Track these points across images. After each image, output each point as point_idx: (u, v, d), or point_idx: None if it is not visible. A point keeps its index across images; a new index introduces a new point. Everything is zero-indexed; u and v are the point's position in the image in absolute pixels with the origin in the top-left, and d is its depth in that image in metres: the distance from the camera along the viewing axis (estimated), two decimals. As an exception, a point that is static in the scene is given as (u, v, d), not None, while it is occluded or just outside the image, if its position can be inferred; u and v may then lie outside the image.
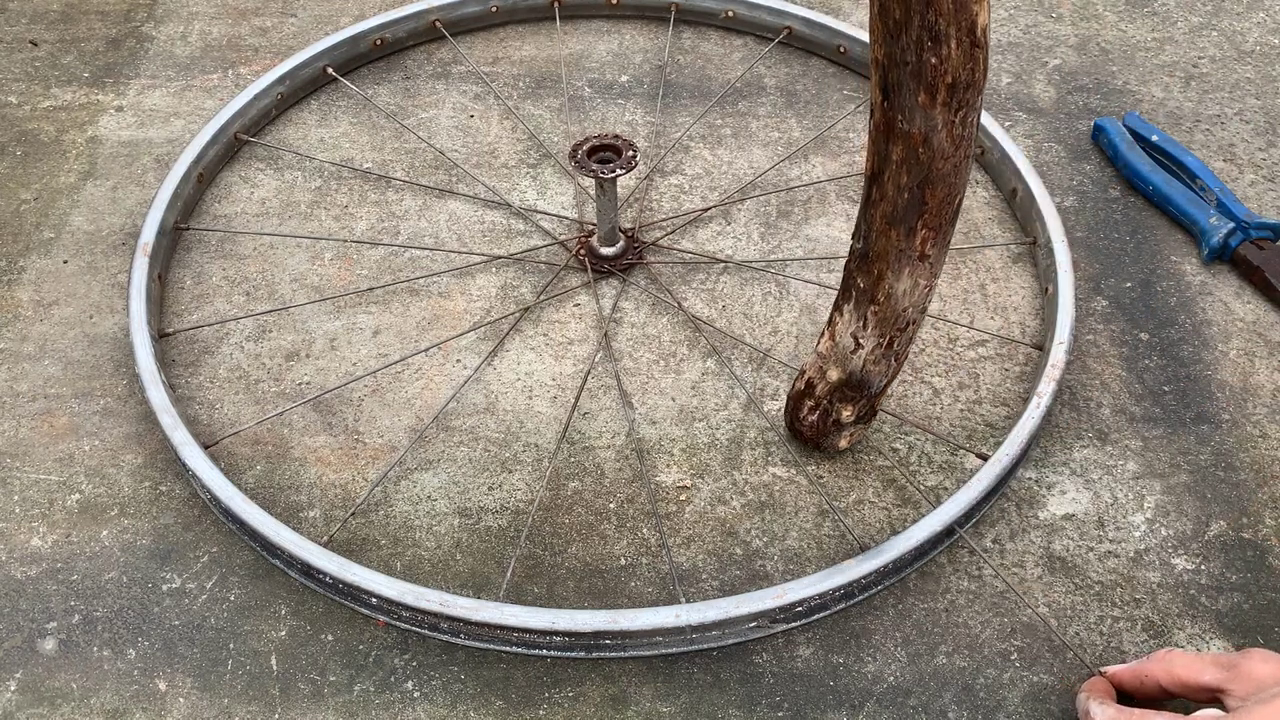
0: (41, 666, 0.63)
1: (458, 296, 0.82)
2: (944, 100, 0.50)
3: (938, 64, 0.49)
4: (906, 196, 0.54)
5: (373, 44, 0.98)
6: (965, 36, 0.48)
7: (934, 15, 0.47)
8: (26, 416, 0.74)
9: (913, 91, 0.50)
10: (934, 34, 0.48)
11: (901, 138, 0.52)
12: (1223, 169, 0.90)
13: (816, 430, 0.69)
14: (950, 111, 0.50)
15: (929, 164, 0.52)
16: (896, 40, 0.49)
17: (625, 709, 0.61)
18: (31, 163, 0.91)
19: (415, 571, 0.67)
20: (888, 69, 0.50)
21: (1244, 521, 0.69)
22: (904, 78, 0.50)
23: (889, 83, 0.51)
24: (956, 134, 0.51)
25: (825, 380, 0.65)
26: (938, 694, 0.62)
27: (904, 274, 0.57)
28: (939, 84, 0.49)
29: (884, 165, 0.54)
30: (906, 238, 0.56)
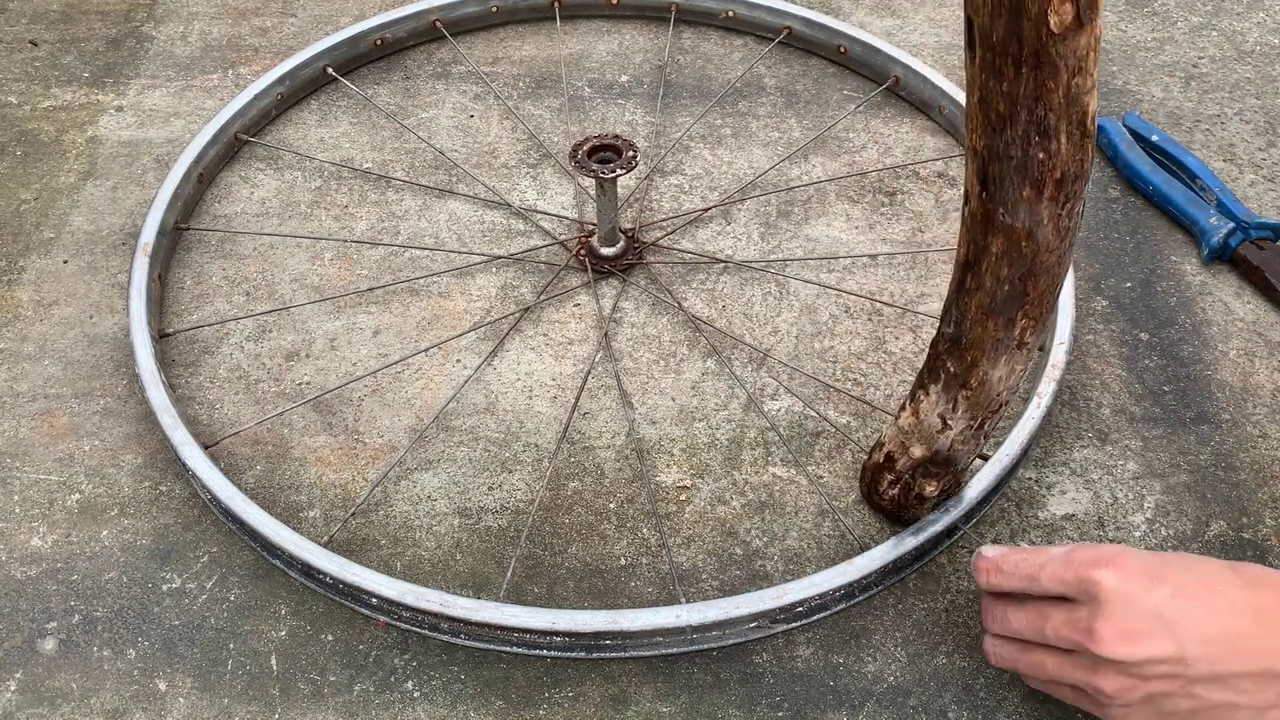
0: (41, 666, 0.63)
1: (458, 296, 0.82)
2: (1051, 195, 0.47)
3: (1045, 159, 0.46)
4: (1007, 289, 0.51)
5: (373, 44, 0.98)
6: (1076, 129, 0.45)
7: (1044, 110, 0.44)
8: (26, 416, 0.74)
9: (1017, 186, 0.47)
10: (1043, 129, 0.45)
11: (1003, 230, 0.49)
12: (1223, 169, 0.90)
13: (898, 504, 0.66)
14: (1057, 205, 0.48)
15: (1032, 257, 0.49)
16: (999, 134, 0.46)
17: (625, 709, 0.61)
18: (31, 163, 0.91)
19: (415, 571, 0.67)
20: (988, 161, 0.47)
21: (1244, 521, 0.69)
22: (1007, 171, 0.47)
23: (989, 175, 0.48)
24: (1063, 226, 0.49)
25: (908, 455, 0.62)
26: (938, 694, 0.62)
27: (1000, 362, 0.55)
28: (1046, 179, 0.46)
29: (982, 255, 0.51)
30: (1005, 328, 0.53)
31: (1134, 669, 0.49)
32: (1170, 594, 0.49)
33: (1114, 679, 0.50)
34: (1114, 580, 0.49)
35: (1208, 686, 0.49)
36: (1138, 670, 0.49)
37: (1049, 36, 0.42)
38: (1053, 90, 0.44)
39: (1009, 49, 0.44)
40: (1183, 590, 0.49)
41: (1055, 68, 0.43)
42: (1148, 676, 0.49)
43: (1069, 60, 0.43)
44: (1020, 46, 0.43)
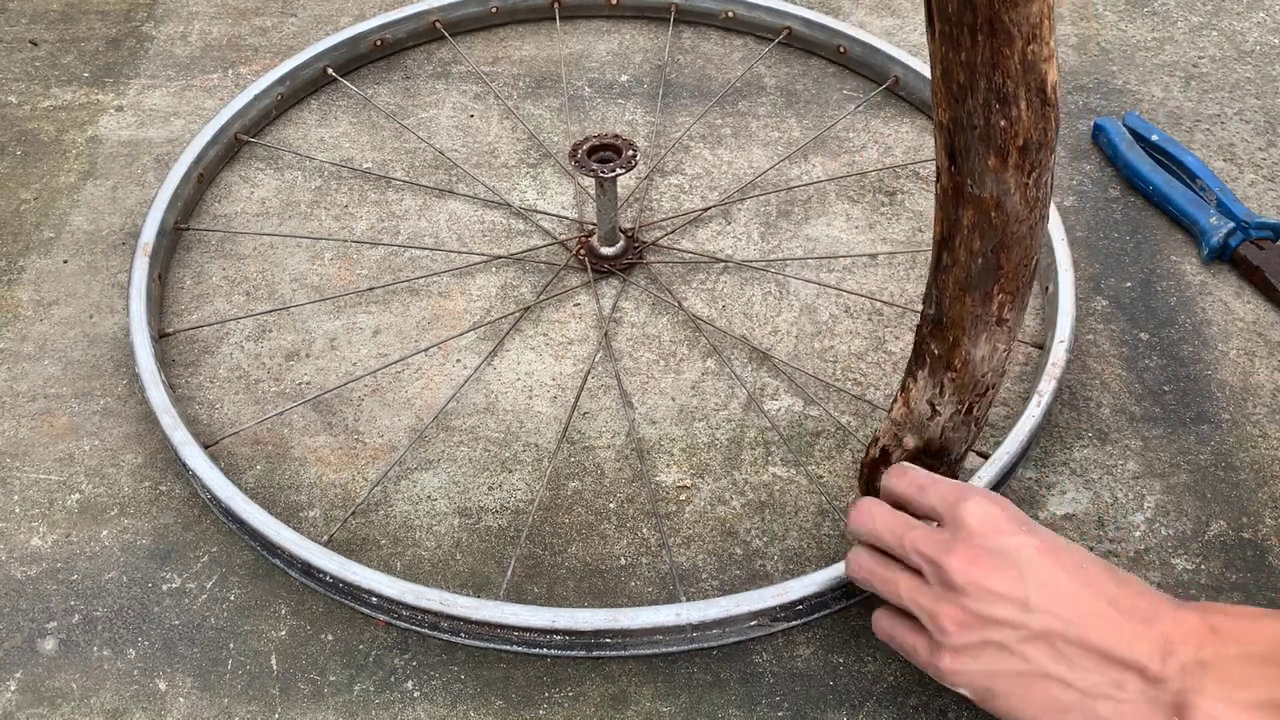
0: (41, 666, 0.63)
1: (458, 296, 0.82)
2: (1016, 163, 0.48)
3: (1007, 126, 0.47)
4: (980, 262, 0.52)
5: (373, 44, 0.98)
6: (1035, 96, 0.46)
7: (1001, 77, 0.46)
8: (26, 416, 0.74)
9: (982, 156, 0.48)
10: (1002, 96, 0.46)
11: (972, 202, 0.50)
12: (1223, 169, 0.90)
13: None
14: (1023, 174, 0.49)
15: (1003, 228, 0.50)
16: (962, 104, 0.47)
17: (625, 709, 0.61)
18: (31, 163, 0.91)
19: (415, 571, 0.67)
20: (953, 133, 0.49)
21: (1244, 521, 0.69)
22: (972, 142, 0.48)
23: (955, 147, 0.49)
24: (1030, 196, 0.50)
25: (902, 448, 0.63)
26: (938, 694, 0.62)
27: (981, 340, 0.55)
28: (1009, 147, 0.47)
29: (954, 230, 0.52)
30: (982, 303, 0.54)
31: (976, 604, 0.49)
32: (1036, 546, 0.49)
33: (955, 610, 0.49)
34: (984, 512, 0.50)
35: (1044, 649, 0.48)
36: (978, 607, 0.49)
37: (1001, 4, 0.44)
38: (1009, 57, 0.45)
39: (964, 19, 0.45)
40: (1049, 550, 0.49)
41: (1009, 34, 0.45)
42: (986, 619, 0.49)
43: (1022, 27, 0.45)
44: (974, 15, 0.45)
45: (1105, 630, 0.48)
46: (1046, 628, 0.48)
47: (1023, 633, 0.48)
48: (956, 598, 0.50)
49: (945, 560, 0.50)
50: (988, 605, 0.49)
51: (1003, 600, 0.49)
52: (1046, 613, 0.48)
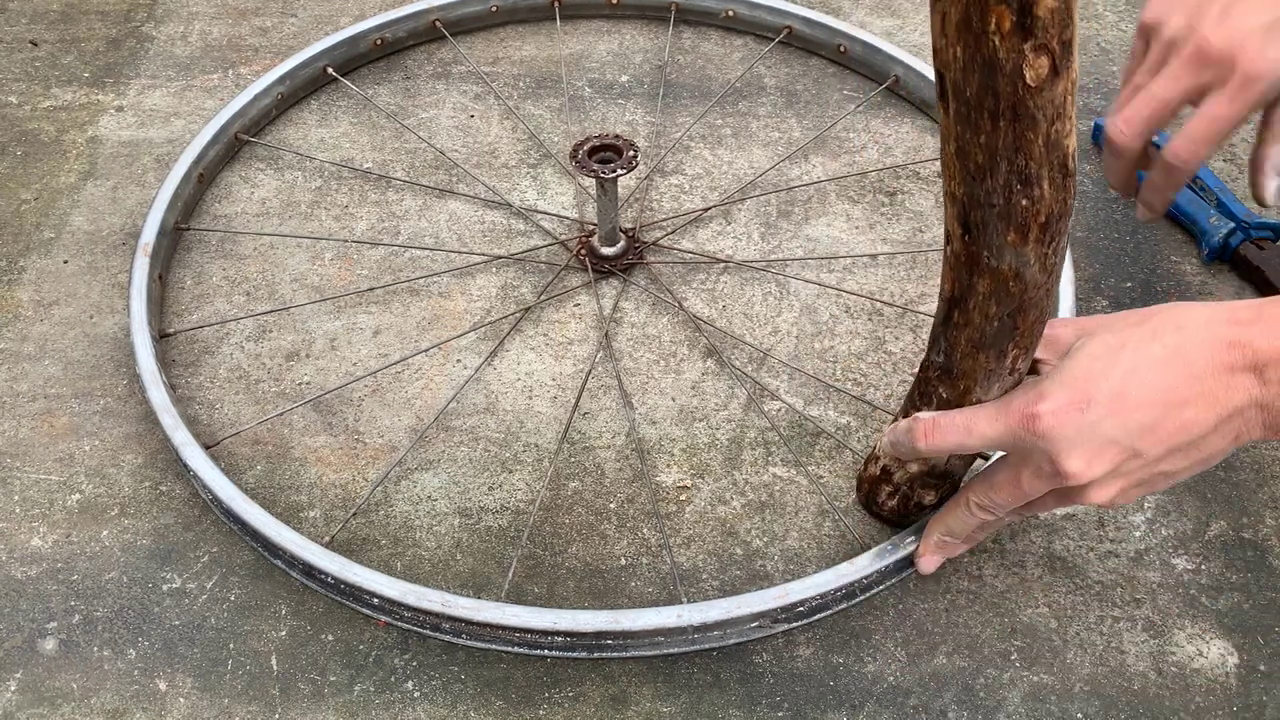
0: (41, 666, 0.63)
1: (458, 296, 0.82)
2: (1036, 238, 0.46)
3: (1029, 205, 0.45)
4: (996, 325, 0.51)
5: (373, 44, 0.98)
6: (1058, 173, 0.44)
7: (1024, 160, 0.43)
8: (26, 416, 0.74)
9: (1001, 231, 0.46)
10: (1024, 178, 0.44)
11: (989, 272, 0.48)
12: (1223, 169, 0.90)
13: (897, 513, 0.66)
14: (1043, 246, 0.47)
15: (1020, 295, 0.49)
16: (979, 183, 0.45)
17: (625, 709, 0.61)
18: (31, 163, 0.91)
19: (415, 571, 0.67)
20: (969, 208, 0.46)
21: (1244, 521, 0.69)
22: (990, 218, 0.46)
23: (971, 221, 0.47)
24: (1049, 264, 0.48)
25: (904, 470, 0.62)
26: (938, 694, 0.62)
27: (993, 389, 0.54)
28: (1031, 224, 0.45)
29: (968, 294, 0.50)
30: (996, 360, 0.53)
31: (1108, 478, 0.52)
32: (1104, 412, 0.50)
33: (1100, 491, 0.53)
34: (1049, 419, 0.51)
35: (1174, 458, 0.51)
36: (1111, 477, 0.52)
37: (1026, 90, 0.42)
38: (1033, 140, 0.43)
39: (984, 103, 0.43)
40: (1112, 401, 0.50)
41: (1034, 119, 0.42)
42: (1122, 474, 0.52)
43: (1047, 110, 0.42)
44: (997, 101, 0.42)
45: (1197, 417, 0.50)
46: (1164, 451, 0.51)
47: (1150, 462, 0.51)
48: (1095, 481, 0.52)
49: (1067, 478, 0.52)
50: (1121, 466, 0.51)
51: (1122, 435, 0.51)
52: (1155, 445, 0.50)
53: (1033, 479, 0.54)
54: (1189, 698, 0.62)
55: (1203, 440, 0.50)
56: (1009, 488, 0.56)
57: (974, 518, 0.59)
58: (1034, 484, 0.54)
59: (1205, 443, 0.50)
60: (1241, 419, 0.50)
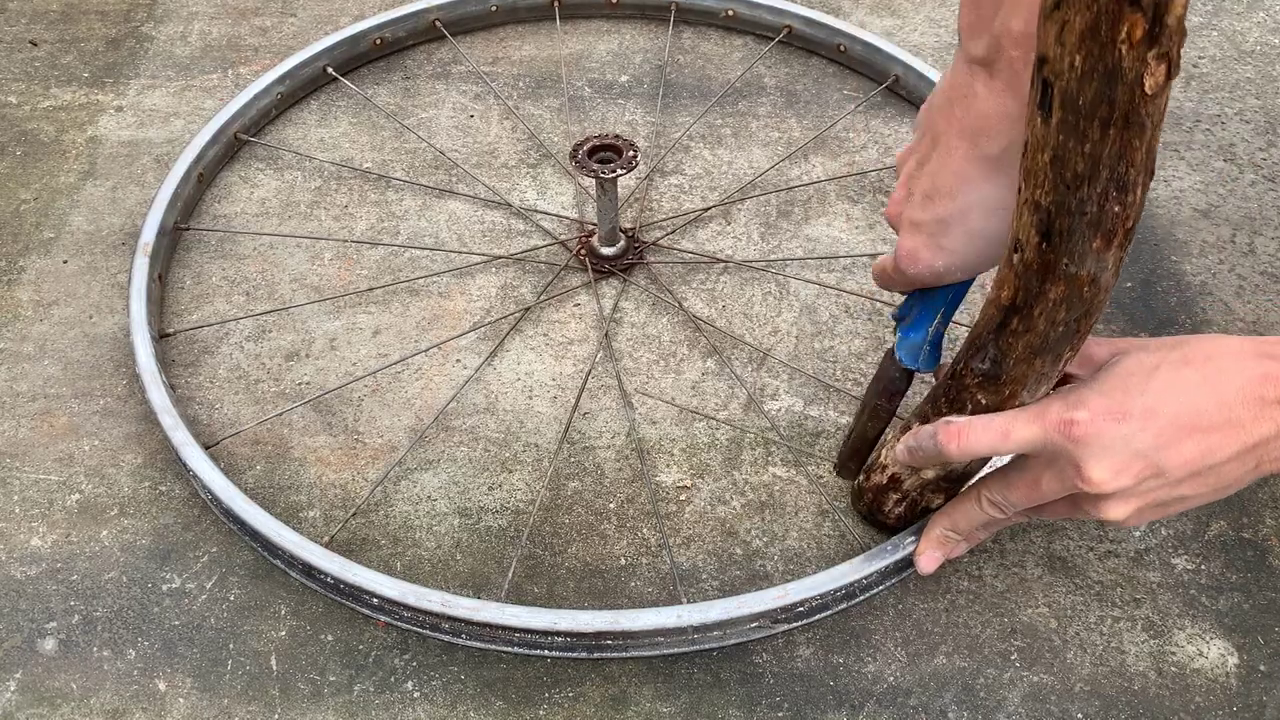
0: (41, 666, 0.63)
1: (458, 296, 0.82)
2: (1120, 243, 0.47)
3: (1121, 211, 0.45)
4: (1061, 330, 0.51)
5: (373, 44, 0.98)
6: (1147, 177, 0.45)
7: (1125, 167, 0.44)
8: (26, 416, 0.74)
9: (1088, 239, 0.46)
10: (1122, 185, 0.44)
11: (1065, 279, 0.48)
12: (1223, 169, 0.90)
13: (903, 520, 0.65)
14: (1123, 250, 0.47)
15: (1092, 300, 0.49)
16: (1074, 191, 0.45)
17: (625, 709, 0.61)
18: (31, 163, 0.91)
19: (415, 572, 0.67)
20: (1054, 216, 0.46)
21: (1244, 521, 0.69)
22: (1078, 226, 0.46)
23: (1055, 229, 0.47)
24: (1119, 266, 0.49)
25: (918, 477, 0.62)
26: (938, 694, 0.62)
27: (1039, 391, 0.55)
28: (1119, 230, 0.46)
29: (1035, 301, 0.50)
30: (1052, 364, 0.53)
31: (1128, 493, 0.52)
32: (1137, 426, 0.51)
33: (1116, 505, 0.53)
34: (1087, 426, 0.52)
35: (1192, 482, 0.52)
36: (1130, 492, 0.52)
37: (1142, 98, 0.42)
38: (1138, 148, 0.43)
39: (1097, 112, 0.43)
40: (1144, 417, 0.51)
41: (1143, 126, 0.43)
42: (1141, 491, 0.52)
43: (1155, 117, 0.43)
44: (1111, 109, 0.42)
45: (1223, 442, 0.51)
46: (1187, 473, 0.52)
47: (1171, 483, 0.52)
48: (1112, 497, 0.53)
49: (1088, 484, 0.52)
50: (1138, 489, 0.52)
51: (1146, 480, 0.52)
52: (1180, 467, 0.51)
53: (1053, 482, 0.54)
54: (1189, 698, 0.62)
55: (1222, 466, 0.51)
56: (1025, 488, 0.56)
57: (983, 514, 0.59)
58: (1053, 487, 0.54)
59: (1224, 470, 0.51)
60: (1265, 449, 0.51)
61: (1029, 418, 0.54)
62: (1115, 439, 0.51)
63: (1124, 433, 0.51)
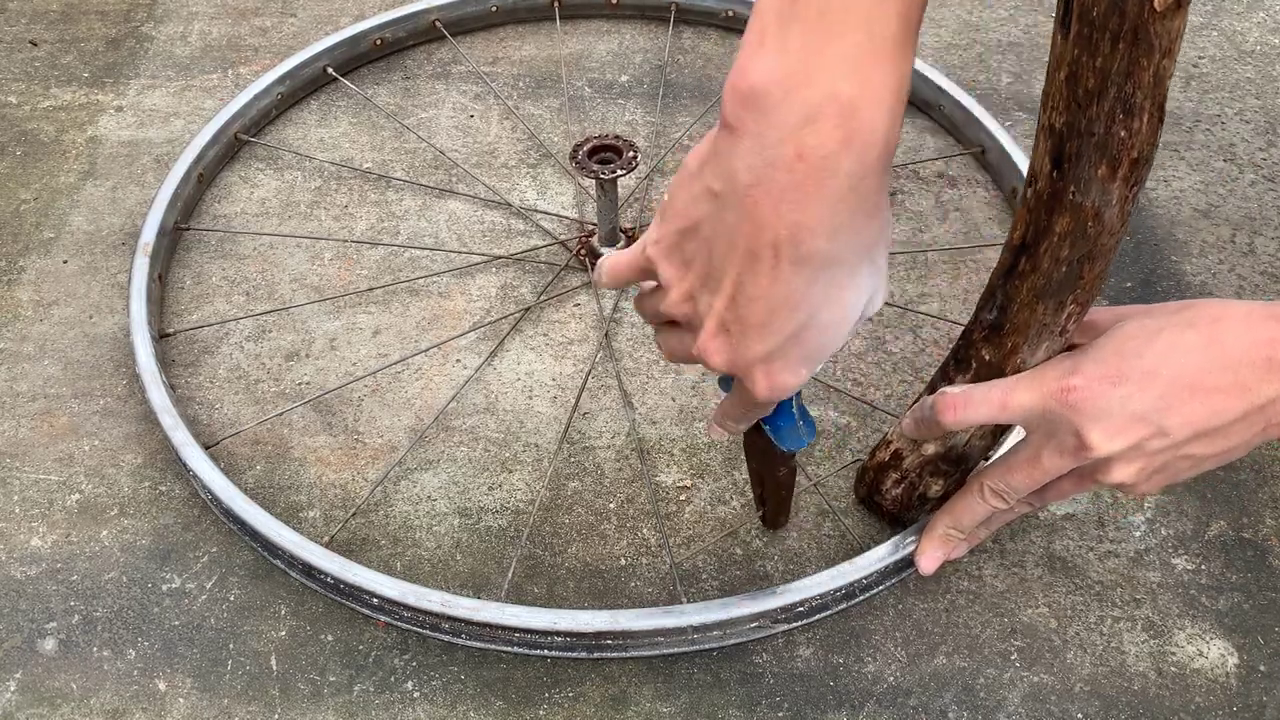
0: (41, 666, 0.63)
1: (458, 296, 0.82)
2: (1124, 175, 0.48)
3: (1126, 137, 0.46)
4: (1064, 270, 0.51)
5: (373, 44, 0.98)
6: (1156, 110, 0.46)
7: (1132, 87, 0.45)
8: (26, 416, 0.74)
9: (1094, 163, 0.47)
10: (1128, 107, 0.46)
11: (1070, 209, 0.49)
12: (1223, 169, 0.90)
13: (900, 504, 0.65)
14: (1127, 186, 0.48)
15: (1095, 239, 0.50)
16: (1084, 110, 0.46)
17: (625, 709, 0.61)
18: (31, 163, 0.91)
19: (415, 572, 0.67)
20: (1066, 138, 0.48)
21: (1244, 521, 0.69)
22: (1086, 149, 0.47)
23: (1065, 152, 0.48)
24: (1126, 210, 0.49)
25: (918, 453, 0.62)
26: (938, 694, 0.62)
27: (1041, 349, 0.54)
28: (1123, 158, 0.47)
29: (1043, 236, 0.51)
30: (1054, 312, 0.53)
31: (1131, 454, 0.52)
32: (1135, 388, 0.51)
33: (1121, 468, 0.53)
34: (1083, 390, 0.51)
35: (1199, 443, 0.51)
36: (1134, 454, 0.52)
37: (1151, 13, 0.43)
38: (1144, 69, 0.45)
39: (1109, 24, 0.44)
40: (1143, 379, 0.51)
41: (1150, 46, 0.44)
42: (1146, 453, 0.52)
43: (1163, 40, 0.44)
44: (1122, 21, 0.44)
45: (1228, 402, 0.50)
46: (1191, 433, 0.51)
47: (1176, 444, 0.52)
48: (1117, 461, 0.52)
49: (1089, 450, 0.52)
50: (1141, 448, 0.52)
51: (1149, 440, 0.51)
52: (1183, 426, 0.51)
53: (1054, 455, 0.54)
54: (1189, 698, 0.62)
55: (1229, 428, 0.51)
56: (1027, 468, 0.56)
57: (985, 505, 0.59)
58: (1055, 461, 0.54)
59: (1231, 430, 0.51)
60: (1273, 410, 0.50)
61: (1026, 385, 0.53)
62: (1112, 402, 0.51)
63: (1121, 394, 0.50)
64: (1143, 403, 0.50)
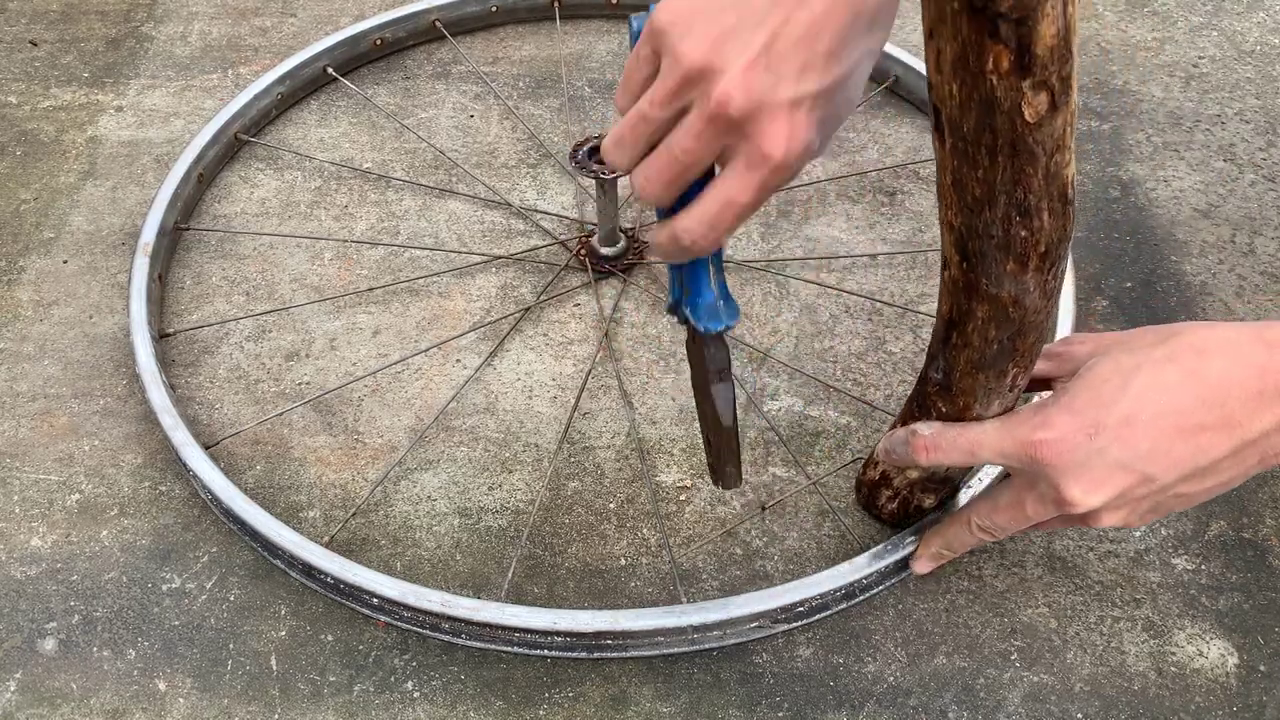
0: (41, 666, 0.63)
1: (458, 296, 0.82)
2: (1036, 266, 0.45)
3: (1028, 236, 0.44)
4: (996, 348, 0.50)
5: (373, 44, 0.98)
6: (1057, 203, 0.44)
7: (1023, 193, 0.43)
8: (26, 416, 0.74)
9: (1000, 261, 0.46)
10: (1024, 210, 0.43)
11: (987, 299, 0.48)
12: (1223, 169, 0.90)
13: (897, 516, 0.66)
14: (1042, 274, 0.46)
15: (1020, 320, 0.48)
16: (977, 215, 0.44)
17: (625, 709, 0.61)
18: (31, 163, 0.91)
19: (415, 572, 0.67)
20: (966, 238, 0.46)
21: (1244, 521, 0.69)
22: (988, 249, 0.45)
23: (969, 250, 0.46)
24: (1049, 289, 0.47)
25: (904, 475, 0.62)
26: (938, 694, 0.62)
27: (993, 405, 0.54)
28: (1030, 254, 0.45)
29: (966, 318, 0.50)
30: (996, 379, 0.52)
31: (1116, 503, 0.50)
32: (1112, 438, 0.49)
33: (1109, 515, 0.51)
34: (1054, 447, 0.49)
35: (1188, 483, 0.50)
36: (1119, 502, 0.50)
37: (1025, 127, 0.41)
38: (1032, 175, 0.42)
39: (982, 140, 0.42)
40: (1121, 427, 0.49)
41: (1033, 154, 0.42)
42: (1132, 499, 0.50)
43: (1046, 144, 0.42)
44: (995, 138, 0.41)
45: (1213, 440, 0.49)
46: (1178, 477, 0.49)
47: (1163, 488, 0.50)
48: (1101, 511, 0.51)
49: (1070, 506, 0.50)
50: (1126, 497, 0.50)
51: (1134, 489, 0.50)
52: (1169, 470, 0.49)
53: (1037, 504, 0.52)
54: (1189, 698, 0.62)
55: (1218, 465, 0.49)
56: (1012, 511, 0.55)
57: (973, 538, 0.59)
58: (1038, 509, 0.53)
59: (1221, 468, 0.49)
60: (1267, 443, 0.48)
61: (995, 437, 0.52)
62: (1089, 455, 0.49)
63: (1098, 447, 0.48)
64: (1121, 452, 0.48)
